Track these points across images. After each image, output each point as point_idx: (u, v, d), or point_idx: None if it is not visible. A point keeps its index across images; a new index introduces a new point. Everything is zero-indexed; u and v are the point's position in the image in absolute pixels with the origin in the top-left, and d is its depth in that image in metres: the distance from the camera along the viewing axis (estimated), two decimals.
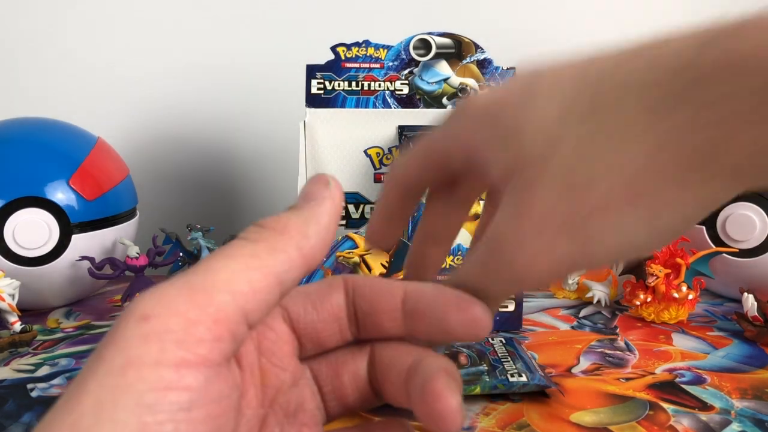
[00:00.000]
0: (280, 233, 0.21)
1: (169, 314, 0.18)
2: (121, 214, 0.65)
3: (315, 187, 0.22)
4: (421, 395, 0.20)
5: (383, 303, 0.23)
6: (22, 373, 0.50)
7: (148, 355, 0.17)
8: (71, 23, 0.80)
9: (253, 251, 0.20)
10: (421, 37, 0.59)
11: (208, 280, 0.19)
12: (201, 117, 0.82)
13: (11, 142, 0.62)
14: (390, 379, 0.23)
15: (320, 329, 0.24)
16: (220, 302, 0.19)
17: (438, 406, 0.20)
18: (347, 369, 0.24)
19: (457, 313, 0.21)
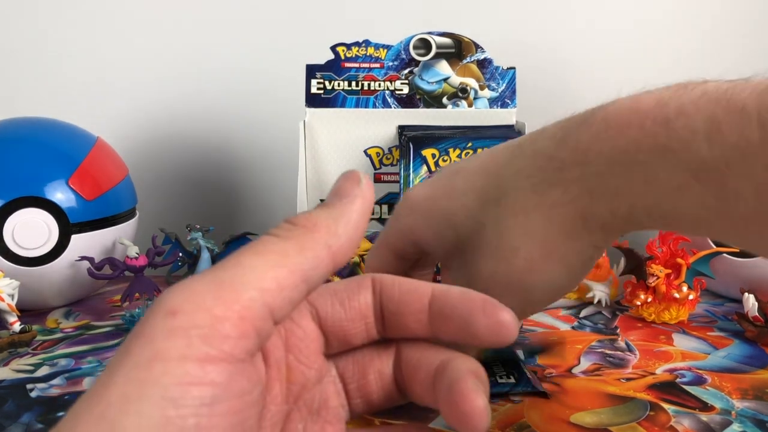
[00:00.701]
0: (310, 231, 0.21)
1: (196, 310, 0.18)
2: (120, 214, 0.64)
3: (346, 184, 0.23)
4: (449, 396, 0.21)
5: (410, 304, 0.23)
6: (21, 374, 0.49)
7: (174, 349, 0.18)
8: (70, 23, 0.80)
9: (282, 249, 0.20)
10: (421, 36, 0.59)
11: (237, 277, 0.19)
12: (200, 117, 0.82)
13: (10, 141, 0.61)
14: (417, 378, 0.23)
15: (347, 327, 0.24)
16: (247, 299, 0.19)
17: (465, 407, 0.20)
18: (373, 367, 0.24)
19: (484, 317, 0.22)
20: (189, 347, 0.18)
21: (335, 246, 0.21)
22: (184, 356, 0.18)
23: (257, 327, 0.19)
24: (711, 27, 0.82)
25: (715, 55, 0.82)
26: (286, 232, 0.21)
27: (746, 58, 0.83)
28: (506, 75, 0.59)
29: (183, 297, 0.19)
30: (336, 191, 0.23)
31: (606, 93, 0.83)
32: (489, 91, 0.59)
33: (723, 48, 0.82)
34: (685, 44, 0.82)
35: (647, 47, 0.82)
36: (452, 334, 0.23)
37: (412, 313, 0.23)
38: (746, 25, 0.82)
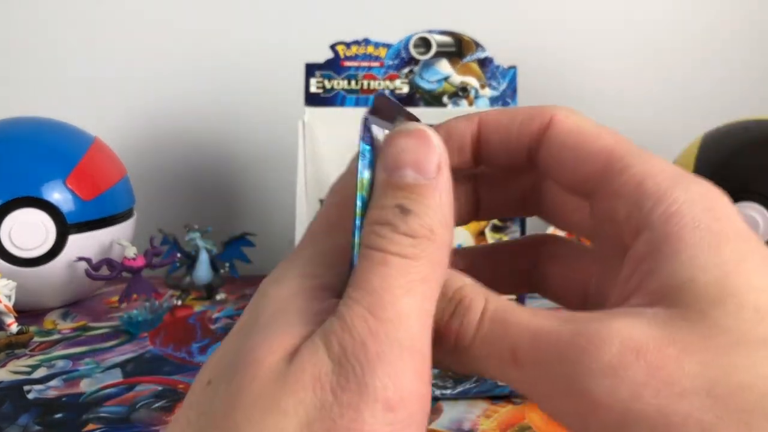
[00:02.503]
0: (431, 240, 0.18)
1: (411, 397, 0.17)
2: (118, 214, 0.64)
3: (419, 153, 0.19)
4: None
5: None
6: (18, 375, 0.49)
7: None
8: (68, 22, 0.80)
9: (421, 275, 0.18)
10: (421, 35, 0.59)
11: (411, 334, 0.17)
12: (199, 116, 0.82)
13: (7, 141, 0.61)
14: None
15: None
16: (427, 359, 0.18)
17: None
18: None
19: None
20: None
21: (450, 241, 0.19)
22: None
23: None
24: (712, 27, 0.82)
25: (715, 55, 0.82)
26: (411, 248, 0.18)
27: (746, 58, 0.83)
28: (507, 74, 0.59)
29: (391, 383, 0.17)
30: (413, 164, 0.19)
31: (606, 92, 0.83)
32: (490, 90, 0.59)
33: (723, 48, 0.82)
34: (686, 43, 0.82)
35: (648, 46, 0.82)
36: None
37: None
38: (746, 24, 0.82)
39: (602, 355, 0.16)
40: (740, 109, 0.68)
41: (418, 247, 0.18)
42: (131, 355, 0.53)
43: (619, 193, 0.19)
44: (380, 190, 0.19)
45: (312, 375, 0.17)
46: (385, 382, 0.16)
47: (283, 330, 0.18)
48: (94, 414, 0.43)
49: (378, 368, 0.16)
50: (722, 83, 0.82)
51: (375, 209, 0.19)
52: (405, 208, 0.18)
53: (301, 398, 0.16)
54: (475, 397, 0.44)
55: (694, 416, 0.15)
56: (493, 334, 0.18)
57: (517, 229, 0.59)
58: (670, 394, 0.15)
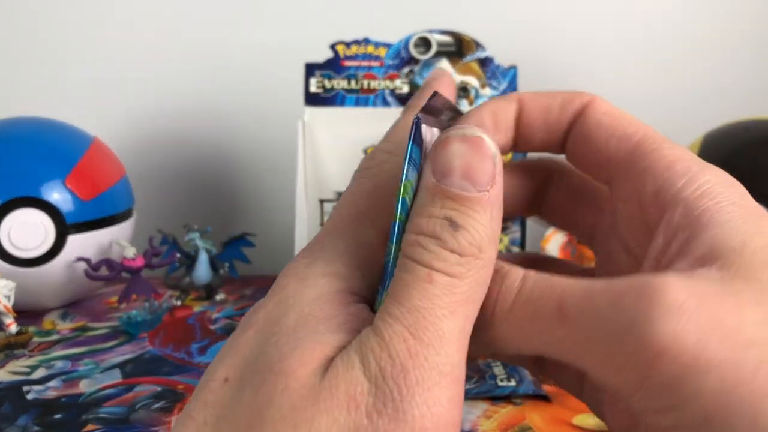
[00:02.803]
0: (479, 259, 0.18)
1: (445, 427, 0.16)
2: (117, 214, 0.64)
3: (475, 158, 0.18)
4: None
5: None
6: (17, 375, 0.49)
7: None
8: (67, 22, 0.80)
9: (465, 296, 0.17)
10: (421, 35, 0.59)
11: (451, 359, 0.17)
12: (198, 116, 0.82)
13: (6, 141, 0.61)
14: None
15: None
16: (461, 382, 0.17)
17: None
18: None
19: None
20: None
21: (494, 257, 0.18)
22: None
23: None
24: (712, 27, 0.82)
25: (716, 55, 0.82)
26: (458, 267, 0.17)
27: (747, 58, 0.83)
28: (507, 74, 0.59)
29: (429, 412, 0.16)
30: (467, 173, 0.18)
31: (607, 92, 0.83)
32: (490, 90, 0.58)
33: (724, 48, 0.82)
34: (686, 43, 0.82)
35: (648, 46, 0.82)
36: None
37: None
38: (747, 25, 0.82)
39: (665, 298, 0.15)
40: (741, 109, 0.68)
41: (465, 266, 0.17)
42: (131, 355, 0.53)
43: (648, 170, 0.19)
44: (427, 196, 0.18)
45: (347, 393, 0.16)
46: (423, 411, 0.16)
47: (313, 339, 0.17)
48: (93, 414, 0.43)
49: (417, 395, 0.16)
50: (723, 83, 0.82)
51: (421, 218, 0.18)
52: (455, 222, 0.17)
53: (335, 417, 0.16)
54: (475, 397, 0.44)
55: (764, 367, 0.14)
56: (538, 290, 0.18)
57: (517, 229, 0.59)
58: (737, 343, 0.15)
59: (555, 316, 0.17)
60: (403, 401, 0.16)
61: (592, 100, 0.22)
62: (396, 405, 0.16)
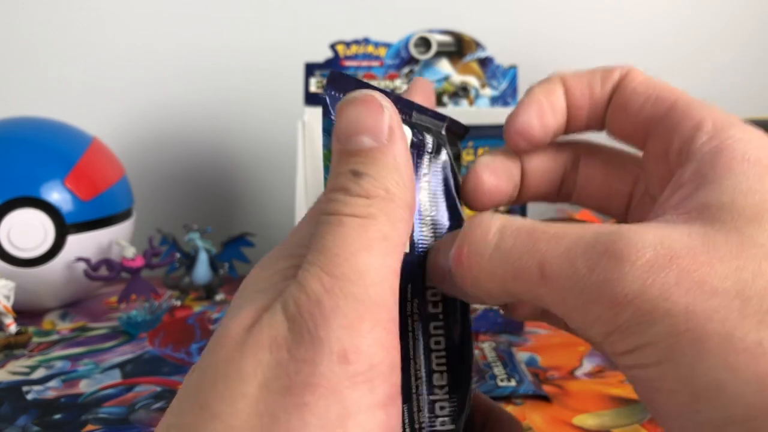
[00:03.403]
0: (388, 200, 0.18)
1: (369, 349, 0.17)
2: (117, 214, 0.64)
3: (369, 119, 0.19)
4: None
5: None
6: (17, 376, 0.49)
7: (362, 400, 0.16)
8: (67, 22, 0.80)
9: (381, 232, 0.18)
10: (421, 35, 0.59)
11: (369, 288, 0.17)
12: (198, 116, 0.82)
13: (6, 141, 0.61)
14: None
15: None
16: (390, 311, 0.18)
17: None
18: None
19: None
20: (372, 393, 0.17)
21: (411, 201, 0.19)
22: (370, 406, 0.17)
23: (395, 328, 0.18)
24: (712, 27, 0.82)
25: (716, 55, 0.82)
26: (366, 208, 0.18)
27: (747, 58, 0.83)
28: (507, 73, 0.59)
29: (346, 335, 0.17)
30: (365, 129, 0.19)
31: None
32: (490, 90, 0.58)
33: (724, 48, 0.82)
34: (686, 44, 0.82)
35: (648, 46, 0.82)
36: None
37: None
38: (747, 25, 0.82)
39: (638, 258, 0.16)
40: (741, 109, 0.68)
41: (374, 206, 0.18)
42: (130, 355, 0.53)
43: (676, 128, 0.20)
44: (335, 159, 0.19)
45: (269, 336, 0.17)
46: (340, 334, 0.16)
47: (252, 304, 0.18)
48: (93, 415, 0.43)
49: (332, 321, 0.16)
50: (723, 83, 0.82)
51: (331, 177, 0.19)
52: (358, 171, 0.19)
53: (258, 359, 0.17)
54: None
55: (719, 313, 0.15)
56: (520, 247, 0.18)
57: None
58: (699, 293, 0.16)
59: (537, 276, 0.18)
60: (318, 329, 0.16)
61: (630, 71, 0.22)
62: (312, 334, 0.16)
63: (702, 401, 0.15)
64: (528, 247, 0.18)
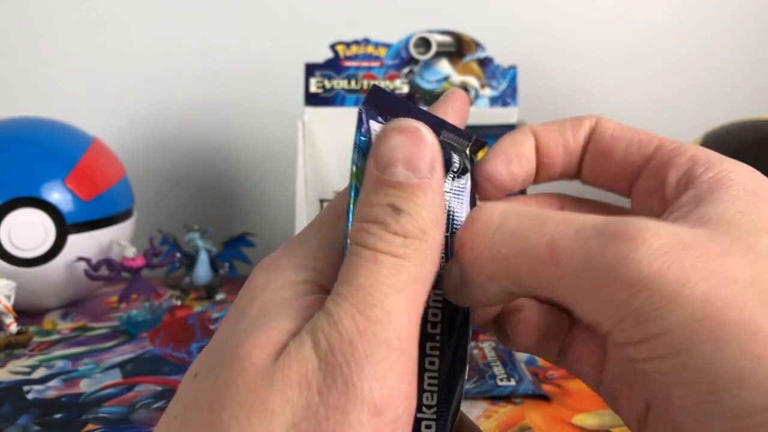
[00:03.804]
0: (423, 241, 0.18)
1: (396, 400, 0.17)
2: (117, 214, 0.64)
3: (414, 153, 0.19)
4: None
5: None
6: (18, 375, 0.49)
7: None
8: (68, 23, 0.80)
9: (413, 275, 0.18)
10: (421, 35, 0.59)
11: (399, 333, 0.17)
12: (198, 117, 0.82)
13: (6, 141, 0.61)
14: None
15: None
16: (414, 359, 0.18)
17: None
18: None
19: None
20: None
21: (441, 240, 0.19)
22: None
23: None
24: (712, 27, 0.82)
25: (716, 55, 0.82)
26: (402, 248, 0.18)
27: (747, 58, 0.83)
28: (507, 73, 0.59)
29: (378, 386, 0.16)
30: (407, 162, 0.19)
31: (607, 92, 0.83)
32: (490, 90, 0.58)
33: (724, 48, 0.82)
34: (686, 44, 0.82)
35: (648, 46, 0.82)
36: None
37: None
38: (747, 24, 0.82)
39: (653, 242, 0.16)
40: (741, 109, 0.68)
41: (409, 247, 0.18)
42: (131, 355, 0.53)
43: (671, 163, 0.20)
44: (371, 185, 0.19)
45: (299, 372, 0.16)
46: (372, 384, 0.16)
47: (271, 324, 0.18)
48: (93, 414, 0.43)
49: (365, 369, 0.16)
50: (723, 83, 0.82)
51: (365, 206, 0.19)
52: (397, 207, 0.18)
53: (288, 397, 0.16)
54: (475, 397, 0.44)
55: (737, 301, 0.15)
56: (526, 228, 0.18)
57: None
58: (715, 281, 0.15)
59: (546, 255, 0.17)
60: (352, 375, 0.16)
61: (599, 119, 0.23)
62: (345, 379, 0.16)
63: (722, 391, 0.15)
64: (535, 227, 0.18)
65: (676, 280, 0.15)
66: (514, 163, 0.23)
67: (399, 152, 0.19)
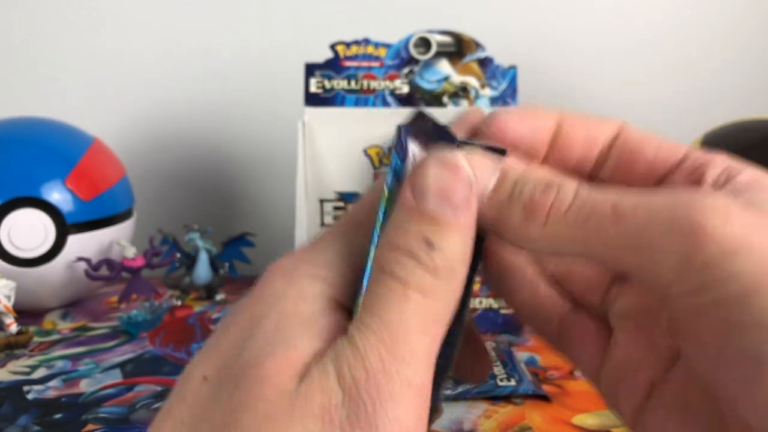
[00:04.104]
0: (450, 280, 0.18)
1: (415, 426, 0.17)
2: (117, 214, 0.64)
3: (450, 181, 0.19)
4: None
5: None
6: (18, 375, 0.49)
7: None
8: (68, 23, 0.80)
9: (437, 315, 0.18)
10: (421, 35, 0.59)
11: (420, 374, 0.17)
12: (198, 117, 0.82)
13: (6, 141, 0.61)
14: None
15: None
16: (429, 396, 0.18)
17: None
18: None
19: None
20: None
21: (465, 277, 0.19)
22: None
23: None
24: (712, 27, 0.82)
25: (716, 55, 0.82)
26: (431, 285, 0.18)
27: (747, 58, 0.83)
28: (507, 73, 0.59)
29: (398, 428, 0.17)
30: (448, 198, 0.18)
31: (607, 92, 0.83)
32: (490, 90, 0.58)
33: (724, 48, 0.82)
34: (686, 44, 0.82)
35: (648, 46, 0.82)
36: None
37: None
38: (747, 24, 0.82)
39: (716, 198, 0.17)
40: (741, 108, 0.68)
41: (438, 286, 0.18)
42: (131, 355, 0.53)
43: (708, 165, 0.21)
44: (405, 214, 0.19)
45: (321, 404, 0.16)
46: (393, 426, 0.16)
47: (291, 343, 0.17)
48: (93, 414, 0.43)
49: (389, 410, 0.16)
50: (723, 83, 0.82)
51: (398, 232, 0.18)
52: (431, 243, 0.18)
53: (308, 427, 0.16)
54: (475, 397, 0.44)
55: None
56: (594, 195, 0.18)
57: None
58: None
59: (609, 216, 0.18)
60: (375, 415, 0.16)
61: (625, 122, 0.23)
62: (368, 418, 0.16)
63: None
64: (602, 194, 0.18)
65: (741, 231, 0.16)
66: (527, 141, 0.22)
67: (437, 183, 0.18)
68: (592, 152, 0.23)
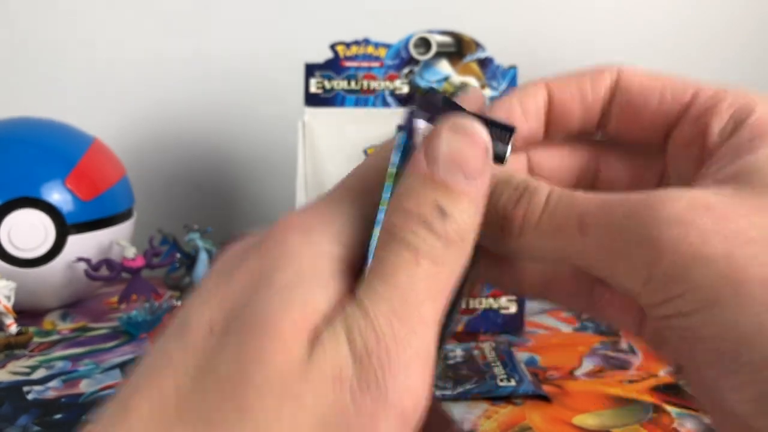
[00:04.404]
0: (460, 248, 0.18)
1: (419, 408, 0.17)
2: (117, 214, 0.64)
3: (470, 155, 0.18)
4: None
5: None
6: (18, 376, 0.49)
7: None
8: (68, 23, 0.80)
9: (444, 283, 0.18)
10: (421, 35, 0.59)
11: (427, 343, 0.17)
12: (198, 117, 0.82)
13: (6, 141, 0.61)
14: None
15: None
16: (432, 365, 0.18)
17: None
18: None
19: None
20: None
21: (472, 246, 0.19)
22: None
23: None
24: (712, 26, 0.82)
25: (716, 55, 0.82)
26: (441, 253, 0.18)
27: (747, 57, 0.83)
28: (507, 74, 0.59)
29: (407, 397, 0.16)
30: (464, 166, 0.18)
31: None
32: (490, 90, 0.58)
33: (724, 47, 0.82)
34: (686, 43, 0.82)
35: (648, 46, 0.82)
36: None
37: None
38: (747, 24, 0.82)
39: (672, 207, 0.17)
40: None
41: (448, 255, 0.18)
42: (131, 355, 0.53)
43: (712, 112, 0.20)
44: (418, 181, 0.18)
45: (332, 370, 0.16)
46: (403, 395, 0.16)
47: (305, 302, 0.17)
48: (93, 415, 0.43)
49: (399, 378, 0.16)
50: (723, 83, 0.82)
51: (410, 198, 0.18)
52: (444, 210, 0.18)
53: (320, 393, 0.16)
54: (475, 397, 0.44)
55: (758, 259, 0.16)
56: (561, 207, 0.19)
57: None
58: (737, 241, 0.16)
59: (576, 229, 0.18)
60: (386, 382, 0.16)
61: (620, 70, 0.22)
62: (379, 385, 0.16)
63: (744, 344, 0.16)
64: (569, 204, 0.19)
65: (698, 240, 0.16)
66: (518, 118, 0.22)
67: (452, 150, 0.18)
68: (593, 111, 0.22)
